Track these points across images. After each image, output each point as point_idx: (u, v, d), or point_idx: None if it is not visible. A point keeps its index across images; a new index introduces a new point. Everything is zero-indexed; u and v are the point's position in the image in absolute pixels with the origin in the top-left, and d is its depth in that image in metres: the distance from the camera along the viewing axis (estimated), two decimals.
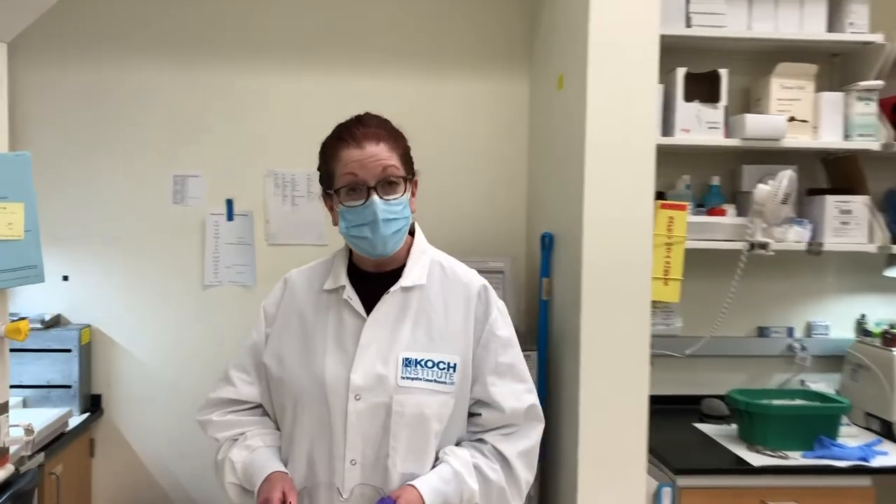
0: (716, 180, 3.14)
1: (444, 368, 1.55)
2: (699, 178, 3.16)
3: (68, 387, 3.07)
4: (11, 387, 2.96)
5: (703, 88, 2.95)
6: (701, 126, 2.93)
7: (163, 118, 3.25)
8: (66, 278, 3.26)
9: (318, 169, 1.64)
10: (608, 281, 2.49)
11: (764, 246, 2.88)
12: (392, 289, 1.58)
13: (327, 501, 1.55)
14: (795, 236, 2.94)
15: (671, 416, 3.00)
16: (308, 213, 3.30)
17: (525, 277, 3.35)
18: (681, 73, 2.91)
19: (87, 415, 3.11)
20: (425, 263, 1.64)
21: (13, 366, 2.97)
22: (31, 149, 3.17)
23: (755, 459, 2.59)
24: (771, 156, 3.08)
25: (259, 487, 1.53)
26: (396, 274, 1.61)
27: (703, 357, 3.14)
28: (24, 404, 3.03)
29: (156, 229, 3.27)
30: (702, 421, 3.05)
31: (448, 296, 1.62)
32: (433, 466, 1.56)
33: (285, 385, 1.59)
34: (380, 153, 1.54)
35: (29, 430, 2.09)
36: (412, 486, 1.50)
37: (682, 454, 2.67)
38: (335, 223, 1.61)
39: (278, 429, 1.66)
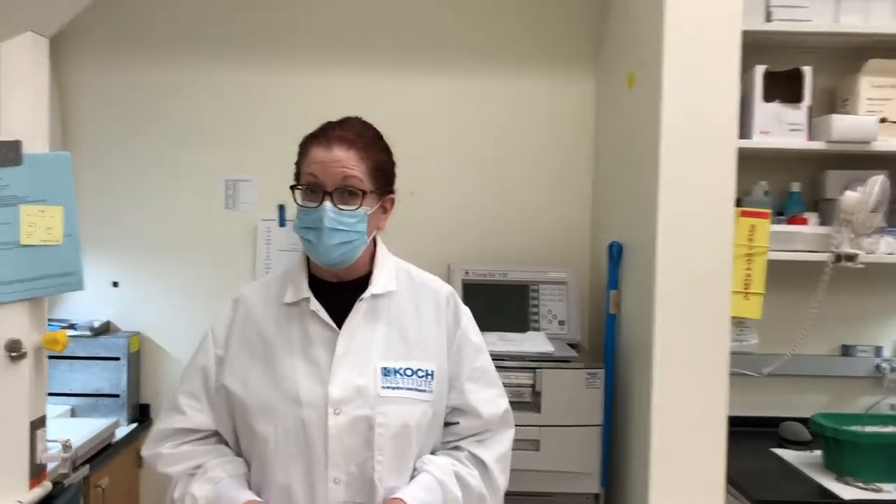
0: (796, 186, 2.93)
1: (422, 376, 1.51)
2: (777, 185, 2.95)
3: (116, 396, 2.99)
4: (61, 395, 2.95)
5: (784, 88, 2.74)
6: (781, 128, 2.73)
7: (214, 120, 3.16)
8: (115, 284, 3.19)
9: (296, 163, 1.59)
10: (684, 294, 2.31)
11: (852, 258, 2.65)
12: (363, 296, 1.53)
13: None
14: (887, 248, 2.71)
15: (747, 439, 2.77)
16: None
17: (589, 289, 3.17)
18: (760, 70, 2.71)
19: (135, 425, 3.03)
20: (391, 270, 1.60)
21: (63, 373, 2.95)
22: (79, 150, 3.14)
23: (845, 492, 2.36)
24: (858, 160, 2.84)
25: None
26: (359, 283, 1.56)
27: (782, 377, 2.90)
28: (73, 413, 2.96)
29: (207, 235, 3.18)
30: (781, 446, 2.82)
31: (418, 302, 1.59)
32: (411, 477, 1.51)
33: (253, 408, 1.50)
34: (345, 160, 1.48)
35: (67, 447, 1.99)
36: (398, 498, 1.45)
37: (762, 483, 2.46)
38: (295, 229, 1.56)
39: (239, 455, 1.57)
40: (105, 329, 3.12)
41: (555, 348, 2.68)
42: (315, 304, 1.52)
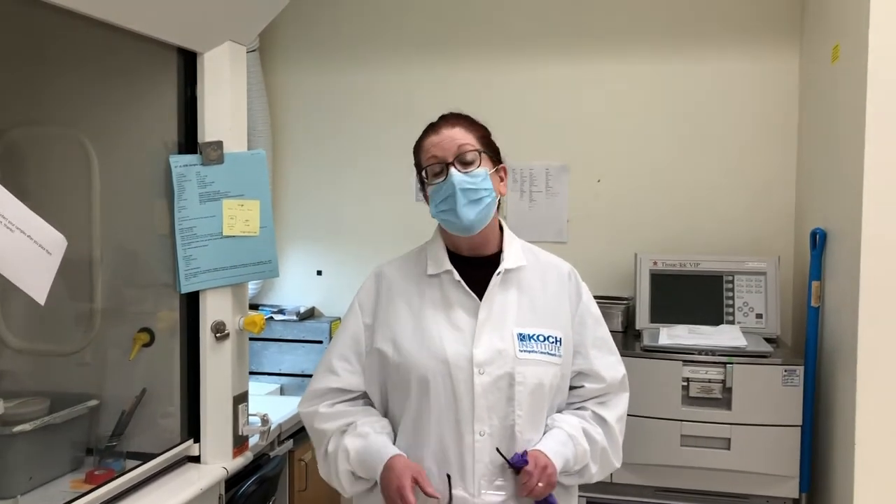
0: None
1: (552, 342, 1.66)
2: None
3: None
4: (272, 374, 3.21)
5: None
6: None
7: (408, 115, 3.27)
8: (319, 273, 3.41)
9: (415, 167, 1.76)
10: (894, 286, 2.08)
11: None
12: (500, 270, 1.68)
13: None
14: None
15: None
16: (547, 208, 3.17)
17: (792, 281, 2.95)
18: None
19: None
20: (518, 248, 1.74)
21: (274, 354, 3.21)
22: (286, 149, 3.39)
23: None
24: None
25: (381, 474, 1.58)
26: (490, 259, 1.71)
27: None
28: (282, 391, 3.21)
29: (400, 226, 3.32)
30: None
31: (544, 277, 1.73)
32: (543, 433, 1.66)
33: (406, 369, 1.64)
34: (454, 134, 1.66)
35: (265, 421, 2.16)
36: (539, 450, 1.60)
37: None
38: (433, 215, 1.71)
39: (385, 416, 1.72)
40: (310, 314, 3.36)
41: (749, 343, 2.52)
42: (458, 276, 1.68)
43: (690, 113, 3.06)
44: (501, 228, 1.75)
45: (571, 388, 1.73)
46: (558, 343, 1.66)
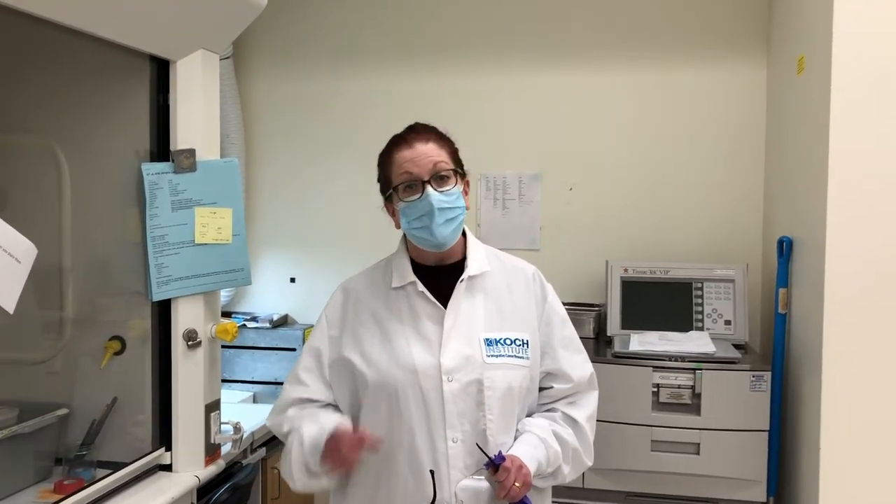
0: None
1: (520, 345, 1.68)
2: None
3: None
4: (244, 382, 3.20)
5: None
6: None
7: (380, 123, 3.27)
8: (293, 280, 3.41)
9: (378, 180, 1.76)
10: (857, 292, 2.13)
11: None
12: (463, 277, 1.70)
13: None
14: None
15: None
16: (520, 216, 3.20)
17: (761, 288, 3.00)
18: None
19: None
20: (482, 254, 1.76)
21: (247, 362, 3.20)
22: (260, 155, 3.39)
23: None
24: None
25: (326, 441, 1.57)
26: (456, 266, 1.72)
27: None
28: (255, 399, 3.20)
29: (376, 233, 3.29)
30: None
31: (509, 281, 1.75)
32: (514, 437, 1.68)
33: (376, 382, 1.66)
34: (429, 151, 1.65)
35: (237, 429, 2.16)
36: (514, 455, 1.60)
37: None
38: (398, 227, 1.73)
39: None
40: (283, 322, 3.35)
41: (717, 349, 2.56)
42: (422, 286, 1.69)
43: (660, 123, 3.11)
44: (465, 235, 1.76)
45: (541, 389, 1.75)
46: (525, 345, 1.68)
